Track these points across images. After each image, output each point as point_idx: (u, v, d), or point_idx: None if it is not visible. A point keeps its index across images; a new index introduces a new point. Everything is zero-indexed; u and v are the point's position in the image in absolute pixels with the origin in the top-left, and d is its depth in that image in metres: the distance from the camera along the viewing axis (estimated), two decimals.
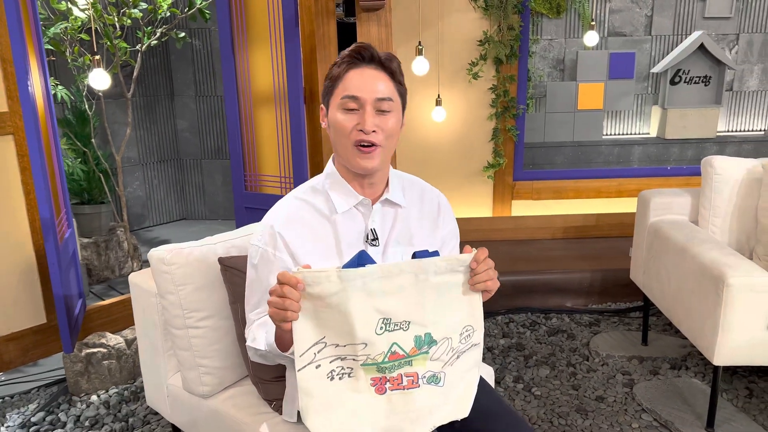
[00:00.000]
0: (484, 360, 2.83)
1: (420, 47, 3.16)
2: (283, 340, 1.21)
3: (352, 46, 1.31)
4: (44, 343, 2.67)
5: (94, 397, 2.53)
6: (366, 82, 1.28)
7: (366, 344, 1.14)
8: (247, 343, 1.35)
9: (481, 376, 1.53)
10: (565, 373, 2.67)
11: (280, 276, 1.09)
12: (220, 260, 1.61)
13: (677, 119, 4.05)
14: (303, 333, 1.12)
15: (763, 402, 2.41)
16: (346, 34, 4.27)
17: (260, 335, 1.31)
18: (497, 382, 2.61)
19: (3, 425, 2.36)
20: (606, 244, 3.78)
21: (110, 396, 2.54)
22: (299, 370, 1.13)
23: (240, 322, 1.61)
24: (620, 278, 3.30)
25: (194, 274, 1.60)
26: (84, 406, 2.48)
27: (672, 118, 4.04)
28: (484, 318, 3.16)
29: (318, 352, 1.14)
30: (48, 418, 2.40)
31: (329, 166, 1.41)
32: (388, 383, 1.18)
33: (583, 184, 3.96)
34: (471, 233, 3.88)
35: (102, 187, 3.85)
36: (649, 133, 4.22)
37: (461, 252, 1.19)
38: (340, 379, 1.16)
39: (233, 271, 1.60)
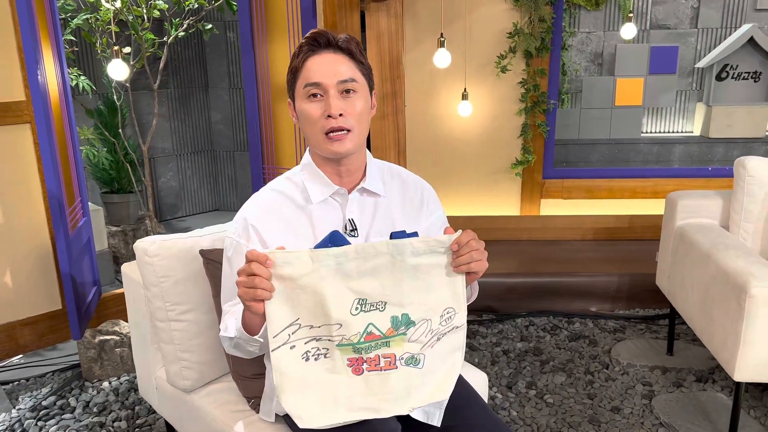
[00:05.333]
0: (492, 365, 2.73)
1: (442, 39, 3.07)
2: (252, 323, 1.18)
3: (308, 34, 1.28)
4: (59, 328, 2.72)
5: (105, 384, 2.57)
6: (326, 67, 1.25)
7: (341, 325, 1.12)
8: (220, 334, 1.33)
9: (466, 382, 1.46)
10: (582, 381, 2.55)
11: (248, 254, 1.07)
12: (202, 252, 1.59)
13: (723, 117, 3.83)
14: (276, 314, 1.10)
15: None
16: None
17: (231, 323, 1.29)
18: (508, 387, 2.52)
19: (15, 408, 2.41)
20: (638, 247, 3.60)
21: (121, 383, 2.57)
22: (273, 350, 1.12)
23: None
24: (649, 283, 3.13)
25: (176, 267, 1.58)
26: (94, 392, 2.52)
27: (717, 115, 3.82)
28: (504, 319, 3.08)
29: (292, 334, 1.12)
30: (58, 403, 2.44)
31: (306, 157, 1.38)
32: (365, 364, 1.16)
33: (616, 183, 3.78)
34: (496, 232, 3.76)
35: (130, 177, 3.92)
36: (692, 132, 4.01)
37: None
38: (315, 359, 1.15)
39: (215, 263, 1.56)
